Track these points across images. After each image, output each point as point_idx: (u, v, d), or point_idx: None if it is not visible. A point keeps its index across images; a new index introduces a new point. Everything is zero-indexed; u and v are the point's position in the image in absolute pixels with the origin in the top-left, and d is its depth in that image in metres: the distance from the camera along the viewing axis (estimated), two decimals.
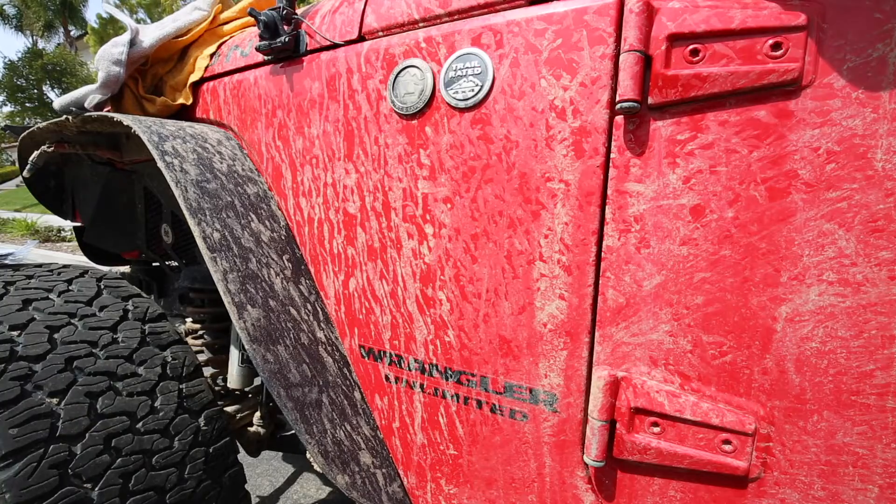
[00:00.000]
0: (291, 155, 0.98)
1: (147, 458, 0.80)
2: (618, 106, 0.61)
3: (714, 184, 0.59)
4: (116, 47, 1.13)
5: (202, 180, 0.89)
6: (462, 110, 0.75)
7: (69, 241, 9.26)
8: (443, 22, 0.78)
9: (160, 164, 0.85)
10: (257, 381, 1.18)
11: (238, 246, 0.87)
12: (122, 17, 1.30)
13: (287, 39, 0.93)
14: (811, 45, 0.53)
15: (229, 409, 1.15)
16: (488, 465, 0.79)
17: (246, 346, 0.78)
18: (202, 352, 1.31)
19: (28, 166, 1.24)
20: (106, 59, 1.13)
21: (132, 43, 1.13)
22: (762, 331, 0.58)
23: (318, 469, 0.82)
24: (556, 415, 0.71)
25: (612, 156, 0.64)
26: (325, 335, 0.93)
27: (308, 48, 0.95)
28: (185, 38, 1.19)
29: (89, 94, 1.16)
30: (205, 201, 0.86)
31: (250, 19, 1.21)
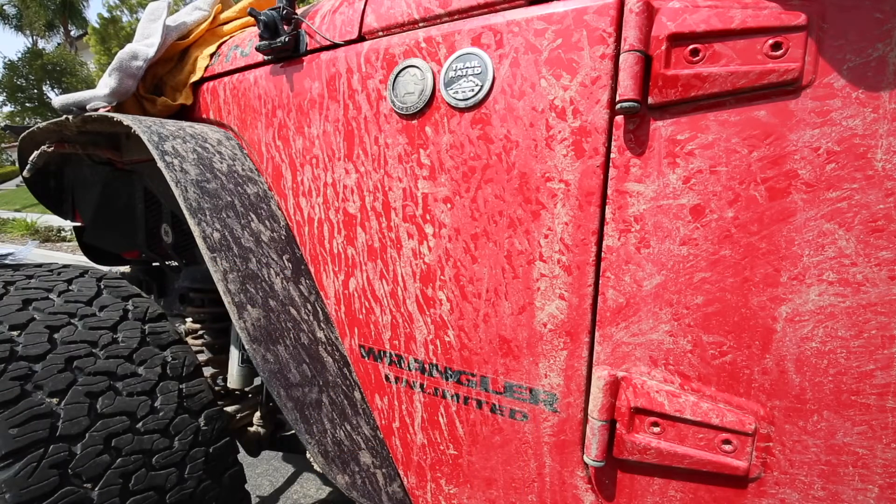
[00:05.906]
0: (291, 155, 0.98)
1: (147, 458, 0.80)
2: (618, 106, 0.61)
3: (714, 184, 0.59)
4: (136, 61, 1.12)
5: (202, 180, 0.89)
6: (462, 110, 0.75)
7: (69, 241, 9.25)
8: (443, 22, 0.78)
9: (160, 164, 0.85)
10: (257, 381, 1.18)
11: (238, 246, 0.87)
12: (156, 37, 1.19)
13: (287, 39, 0.93)
14: (811, 45, 0.53)
15: (229, 409, 1.15)
16: (488, 465, 0.79)
17: (246, 346, 0.78)
18: (202, 352, 1.31)
19: (28, 166, 1.24)
20: (122, 71, 1.11)
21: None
22: (762, 331, 0.58)
23: (318, 469, 0.82)
24: (556, 415, 0.71)
25: (612, 156, 0.64)
26: (325, 335, 0.93)
27: (308, 48, 0.95)
28: (185, 39, 1.19)
29: (94, 100, 1.15)
30: (205, 201, 0.86)
31: (250, 19, 1.21)
